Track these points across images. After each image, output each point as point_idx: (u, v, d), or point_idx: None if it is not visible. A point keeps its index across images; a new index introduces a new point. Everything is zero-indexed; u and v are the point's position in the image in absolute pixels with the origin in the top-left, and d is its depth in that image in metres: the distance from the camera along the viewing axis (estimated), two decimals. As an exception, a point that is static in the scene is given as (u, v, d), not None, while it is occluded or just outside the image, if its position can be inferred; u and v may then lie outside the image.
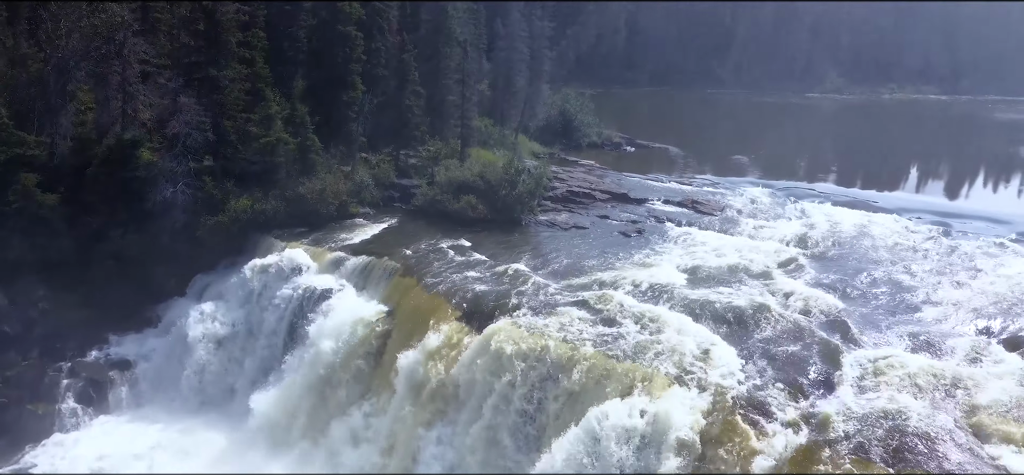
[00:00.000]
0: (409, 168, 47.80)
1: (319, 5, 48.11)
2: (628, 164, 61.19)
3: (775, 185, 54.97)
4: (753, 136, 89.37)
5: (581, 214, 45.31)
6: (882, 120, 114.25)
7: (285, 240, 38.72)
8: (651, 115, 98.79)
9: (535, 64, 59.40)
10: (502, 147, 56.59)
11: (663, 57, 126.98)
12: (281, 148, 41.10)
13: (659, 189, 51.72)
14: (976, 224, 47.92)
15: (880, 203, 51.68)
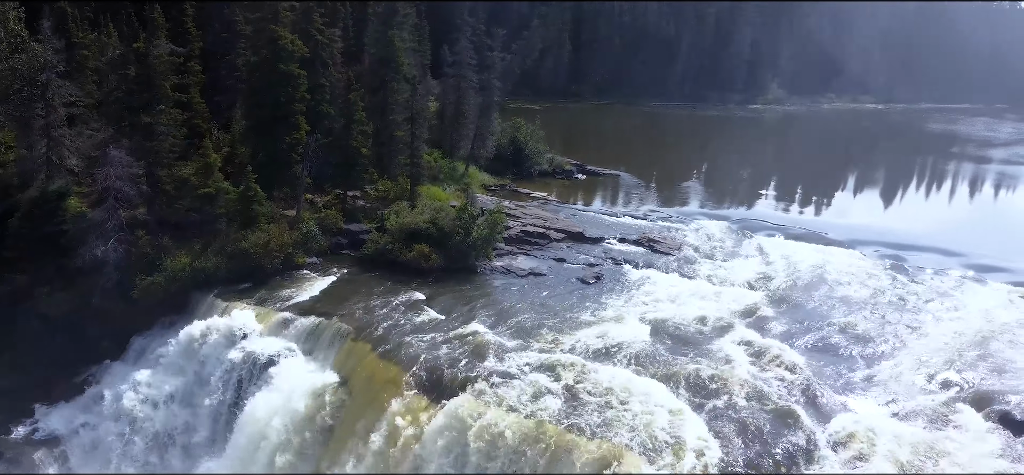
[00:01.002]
0: (357, 211, 45.88)
1: (259, 40, 45.92)
2: (580, 194, 60.30)
3: (730, 216, 54.64)
4: (700, 155, 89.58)
5: (537, 257, 44.05)
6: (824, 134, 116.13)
7: (227, 299, 36.51)
8: (599, 134, 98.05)
9: (486, 94, 57.95)
10: (453, 182, 55.11)
11: (608, 70, 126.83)
12: (221, 198, 38.85)
13: (614, 225, 50.81)
14: (926, 256, 48.24)
15: (831, 234, 51.69)
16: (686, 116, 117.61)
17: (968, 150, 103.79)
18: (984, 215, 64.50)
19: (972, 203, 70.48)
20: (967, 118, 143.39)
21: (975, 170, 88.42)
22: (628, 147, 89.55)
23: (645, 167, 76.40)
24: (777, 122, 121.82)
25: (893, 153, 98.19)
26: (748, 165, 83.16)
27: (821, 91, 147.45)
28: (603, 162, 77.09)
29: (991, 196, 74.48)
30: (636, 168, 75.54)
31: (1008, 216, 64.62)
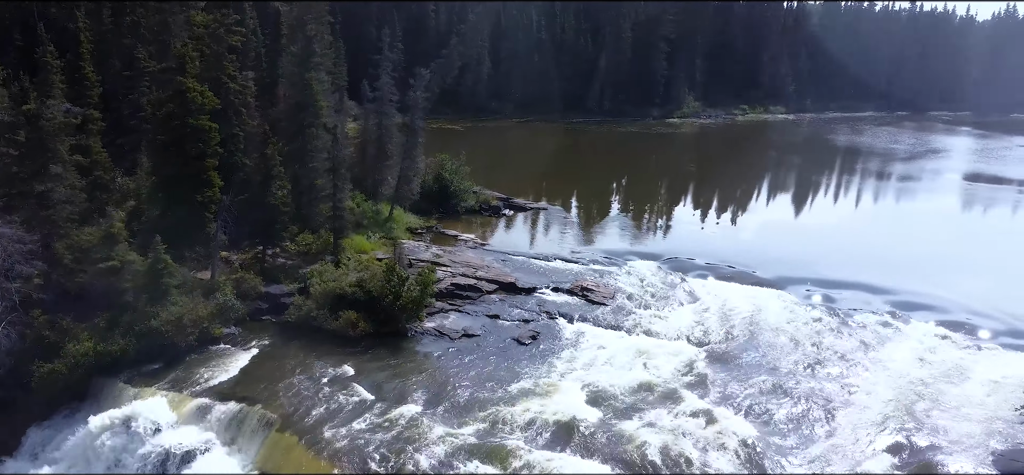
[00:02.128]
0: (277, 269, 43.28)
1: (166, 89, 42.84)
2: (509, 233, 58.86)
3: (659, 254, 54.14)
4: (623, 178, 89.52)
5: (470, 314, 42.43)
6: (739, 150, 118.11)
7: (137, 383, 33.54)
8: (522, 156, 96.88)
9: (410, 136, 55.81)
10: (377, 227, 52.91)
11: (528, 86, 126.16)
12: (128, 271, 35.80)
13: (546, 270, 49.60)
14: (850, 294, 48.74)
15: (759, 272, 51.73)
16: (606, 133, 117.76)
17: (875, 165, 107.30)
18: (895, 240, 65.92)
19: (882, 227, 71.98)
20: (871, 128, 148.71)
21: (883, 190, 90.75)
22: (552, 171, 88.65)
23: (570, 195, 75.72)
24: (694, 137, 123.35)
25: (805, 170, 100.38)
26: (669, 189, 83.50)
27: (735, 102, 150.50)
28: (528, 190, 76.13)
29: (899, 218, 76.28)
30: (561, 196, 74.80)
31: (917, 240, 66.23)
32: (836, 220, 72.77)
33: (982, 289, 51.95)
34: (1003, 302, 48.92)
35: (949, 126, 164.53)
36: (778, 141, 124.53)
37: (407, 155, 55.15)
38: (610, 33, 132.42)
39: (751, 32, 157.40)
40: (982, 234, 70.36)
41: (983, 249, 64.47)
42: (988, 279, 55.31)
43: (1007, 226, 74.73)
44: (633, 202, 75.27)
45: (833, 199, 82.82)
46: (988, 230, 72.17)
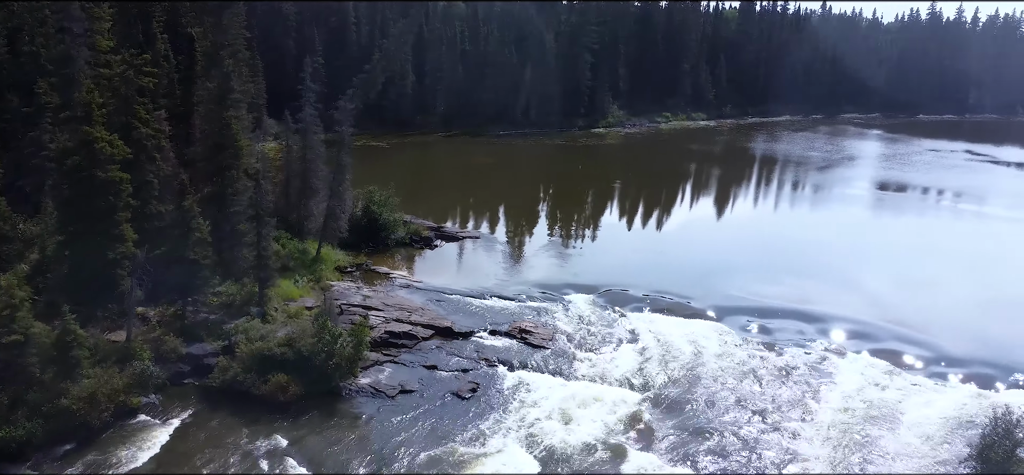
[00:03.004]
0: (199, 325, 40.70)
1: (71, 136, 39.74)
2: (442, 268, 57.19)
3: (595, 286, 53.42)
4: (552, 195, 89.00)
5: (406, 364, 40.82)
6: (663, 160, 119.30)
7: (46, 471, 30.78)
8: (450, 175, 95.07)
9: (337, 173, 53.54)
10: (304, 268, 50.69)
11: (453, 99, 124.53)
12: (32, 344, 32.86)
13: (482, 310, 48.32)
14: (786, 324, 49.12)
15: (695, 302, 51.71)
16: (532, 145, 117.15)
17: (792, 176, 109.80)
18: (818, 255, 67.09)
19: (805, 241, 72.93)
20: (787, 134, 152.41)
21: (801, 201, 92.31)
22: (480, 189, 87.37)
23: (501, 218, 74.63)
24: (619, 148, 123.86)
25: (728, 183, 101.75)
26: (600, 206, 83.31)
27: (657, 110, 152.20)
28: (458, 213, 74.81)
29: (820, 231, 77.28)
30: (492, 219, 73.69)
31: (838, 254, 67.52)
32: (762, 236, 73.63)
33: (906, 306, 53.42)
34: (926, 321, 50.38)
35: (860, 129, 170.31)
36: (700, 151, 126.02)
37: (334, 192, 52.99)
38: (534, 43, 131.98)
39: (671, 40, 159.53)
40: (898, 246, 72.23)
41: (900, 262, 66.27)
42: (910, 294, 56.86)
43: (918, 240, 76.88)
44: (565, 223, 74.69)
45: (757, 214, 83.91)
46: (903, 242, 74.09)
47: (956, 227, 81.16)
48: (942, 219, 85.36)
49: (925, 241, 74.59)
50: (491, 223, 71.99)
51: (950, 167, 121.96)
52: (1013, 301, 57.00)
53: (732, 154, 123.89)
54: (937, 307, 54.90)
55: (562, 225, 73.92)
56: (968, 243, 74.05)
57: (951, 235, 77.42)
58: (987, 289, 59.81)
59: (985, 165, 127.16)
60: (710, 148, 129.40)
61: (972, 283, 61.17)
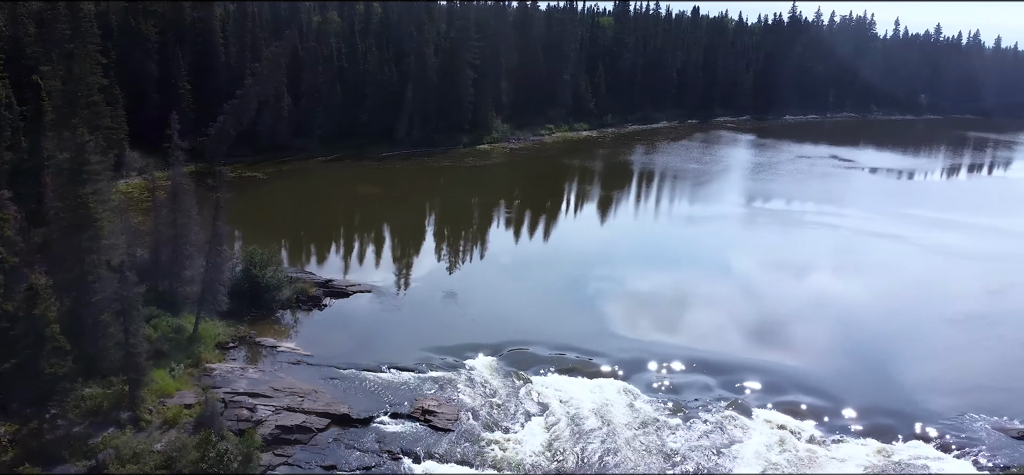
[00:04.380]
0: (61, 442, 35.90)
1: None
2: (333, 333, 53.50)
3: (498, 347, 51.40)
4: (442, 231, 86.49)
5: (302, 465, 37.58)
6: (548, 181, 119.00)
7: None
8: (333, 209, 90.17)
9: (214, 242, 49.02)
10: (181, 350, 46.20)
11: (333, 120, 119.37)
12: None
13: (380, 387, 45.37)
14: (691, 379, 48.91)
15: (598, 360, 50.66)
16: (417, 168, 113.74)
17: (671, 193, 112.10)
18: (711, 292, 67.21)
19: (696, 277, 72.30)
20: (665, 143, 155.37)
21: (682, 226, 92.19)
22: (366, 224, 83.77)
23: (390, 259, 71.54)
24: (505, 166, 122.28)
25: (610, 207, 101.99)
26: (491, 240, 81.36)
27: (541, 122, 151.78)
28: (345, 258, 71.15)
29: (708, 265, 76.30)
30: (381, 262, 70.42)
31: (730, 293, 67.86)
32: (650, 270, 73.35)
33: (798, 345, 54.54)
34: (821, 360, 51.55)
35: (733, 134, 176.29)
36: (581, 168, 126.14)
37: (210, 265, 48.55)
38: (415, 61, 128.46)
39: (551, 50, 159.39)
40: (784, 273, 74.17)
41: (788, 292, 68.01)
42: (801, 330, 58.16)
43: (803, 266, 79.23)
44: (459, 262, 72.43)
45: (643, 241, 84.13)
46: (789, 267, 76.17)
47: (836, 247, 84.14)
48: (820, 239, 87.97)
49: (809, 265, 76.92)
50: (381, 269, 68.71)
51: (822, 176, 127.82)
52: (898, 331, 59.27)
53: (612, 171, 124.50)
54: (829, 344, 56.32)
55: (456, 265, 71.65)
56: (852, 265, 76.86)
57: (833, 257, 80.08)
58: (873, 318, 62.05)
59: (853, 172, 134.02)
60: (591, 164, 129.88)
61: (859, 313, 63.33)
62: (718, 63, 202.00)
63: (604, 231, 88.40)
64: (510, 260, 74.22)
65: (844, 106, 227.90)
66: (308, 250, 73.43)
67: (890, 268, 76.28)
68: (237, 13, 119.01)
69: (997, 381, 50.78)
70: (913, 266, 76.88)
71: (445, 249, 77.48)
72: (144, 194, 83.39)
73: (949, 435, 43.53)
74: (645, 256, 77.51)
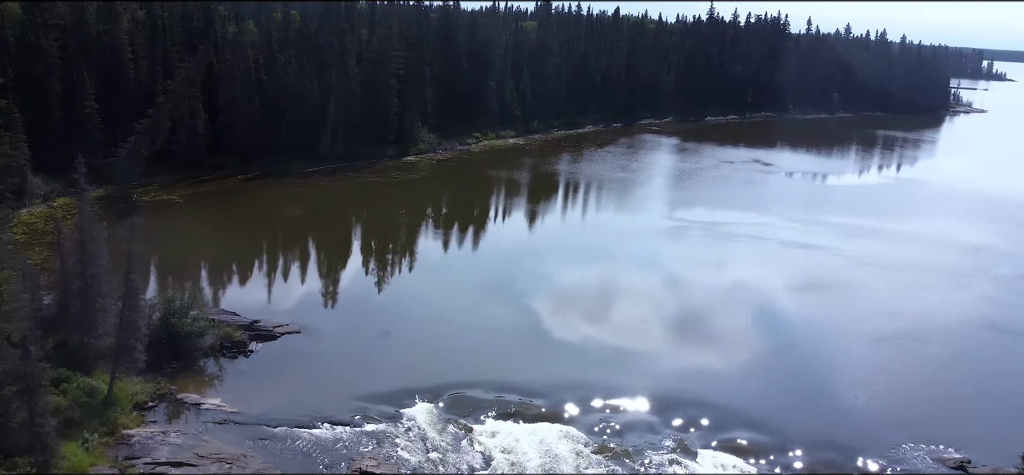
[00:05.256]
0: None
1: None
2: (262, 384, 50.49)
3: (438, 391, 49.61)
4: (370, 260, 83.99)
5: (233, 548, 35.17)
6: (478, 191, 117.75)
7: None
8: (252, 233, 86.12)
9: (129, 294, 45.65)
10: (95, 416, 42.89)
11: (252, 136, 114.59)
12: None
13: (315, 447, 43.01)
14: (634, 419, 48.26)
15: (538, 399, 49.56)
16: (343, 185, 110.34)
17: (598, 206, 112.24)
18: (645, 317, 67.03)
19: (629, 300, 71.75)
20: (590, 149, 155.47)
21: (616, 244, 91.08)
22: (290, 252, 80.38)
23: (318, 294, 68.85)
24: (432, 179, 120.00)
25: (537, 223, 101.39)
26: (423, 270, 79.08)
27: (467, 131, 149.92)
28: (268, 290, 68.06)
29: (640, 289, 74.55)
30: (308, 296, 67.54)
31: (665, 317, 67.65)
32: (585, 298, 72.57)
33: (739, 378, 54.49)
34: (762, 391, 51.67)
35: (657, 137, 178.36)
36: (509, 179, 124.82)
37: (125, 323, 45.23)
38: (337, 72, 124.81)
39: (476, 58, 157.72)
40: (718, 293, 74.63)
41: (722, 314, 68.30)
42: (739, 356, 58.32)
43: (735, 284, 79.85)
44: (390, 293, 70.10)
45: (573, 267, 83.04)
46: (720, 287, 76.67)
47: (764, 262, 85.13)
48: (748, 254, 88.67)
49: (741, 285, 77.37)
50: (311, 303, 65.93)
51: (745, 182, 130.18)
52: (831, 354, 60.06)
53: (539, 183, 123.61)
54: (765, 370, 56.62)
55: (388, 295, 69.36)
56: (782, 282, 77.72)
57: (762, 275, 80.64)
58: (806, 340, 62.71)
59: (773, 177, 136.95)
60: (518, 175, 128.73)
61: (793, 334, 63.98)
62: (640, 66, 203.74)
63: (534, 253, 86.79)
64: (442, 287, 72.13)
65: (762, 106, 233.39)
66: (231, 285, 70.11)
67: (818, 284, 77.12)
68: (147, 26, 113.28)
69: (931, 406, 51.76)
70: (839, 280, 78.16)
71: (376, 277, 75.16)
72: (48, 224, 78.65)
73: (890, 470, 44.00)
74: (576, 281, 75.95)
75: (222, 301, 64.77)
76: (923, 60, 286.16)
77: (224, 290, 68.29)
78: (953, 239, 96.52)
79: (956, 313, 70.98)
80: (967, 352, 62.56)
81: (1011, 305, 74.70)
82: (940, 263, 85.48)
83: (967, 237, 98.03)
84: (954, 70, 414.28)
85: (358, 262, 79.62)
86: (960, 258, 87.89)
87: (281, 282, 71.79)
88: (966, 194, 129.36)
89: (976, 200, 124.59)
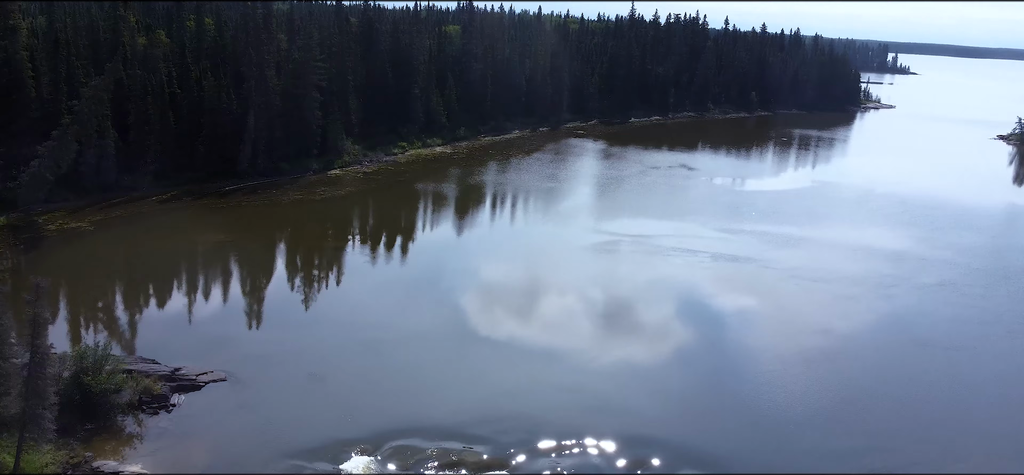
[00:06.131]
0: None
1: None
2: (186, 444, 47.04)
3: (378, 443, 47.47)
4: (295, 293, 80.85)
5: None
6: (402, 207, 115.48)
7: None
8: (169, 262, 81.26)
9: (35, 362, 42.01)
10: (1, 498, 39.40)
11: (167, 153, 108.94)
12: None
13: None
14: (579, 460, 47.40)
15: (478, 446, 47.95)
16: (264, 205, 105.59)
17: (526, 222, 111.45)
18: (578, 355, 64.92)
19: (564, 334, 69.54)
20: (517, 157, 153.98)
21: (548, 271, 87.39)
22: (217, 287, 76.74)
23: (245, 334, 65.69)
24: (357, 196, 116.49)
25: (462, 243, 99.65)
26: (352, 300, 76.17)
27: (393, 140, 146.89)
28: (193, 335, 64.51)
29: (561, 324, 71.90)
30: (238, 340, 64.14)
31: (599, 353, 66.35)
32: (520, 324, 71.63)
33: (684, 410, 54.16)
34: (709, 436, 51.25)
35: (583, 141, 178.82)
36: (436, 193, 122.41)
37: (32, 392, 41.70)
38: (255, 85, 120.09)
39: (399, 65, 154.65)
40: (653, 318, 74.57)
41: (663, 343, 68.19)
42: (682, 391, 58.05)
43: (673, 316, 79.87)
44: (319, 330, 67.07)
45: (504, 291, 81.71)
46: (657, 314, 76.58)
47: (699, 279, 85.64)
48: (682, 270, 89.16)
49: (681, 303, 77.70)
50: (237, 345, 62.52)
51: (672, 189, 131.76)
52: (770, 382, 60.20)
53: (467, 196, 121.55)
54: (710, 402, 56.60)
55: (318, 332, 66.28)
56: (718, 300, 78.13)
57: (698, 293, 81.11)
58: (746, 368, 62.63)
59: (698, 182, 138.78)
60: (445, 187, 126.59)
61: (732, 359, 64.14)
62: (565, 69, 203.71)
63: (463, 276, 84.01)
64: (374, 317, 69.42)
65: (684, 106, 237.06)
66: (150, 325, 66.14)
67: (753, 309, 75.73)
68: (48, 41, 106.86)
69: (870, 438, 52.21)
70: (772, 298, 78.22)
71: (305, 308, 72.22)
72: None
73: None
74: (509, 307, 74.24)
75: (140, 346, 60.85)
76: (835, 58, 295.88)
77: (142, 333, 64.33)
78: (876, 246, 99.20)
79: (884, 328, 72.52)
80: (894, 369, 63.86)
81: (936, 316, 76.48)
82: (865, 273, 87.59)
83: (889, 243, 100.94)
84: (862, 64, 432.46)
85: (285, 292, 76.45)
86: (884, 267, 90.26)
87: (204, 319, 68.22)
88: (884, 196, 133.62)
89: (893, 202, 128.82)
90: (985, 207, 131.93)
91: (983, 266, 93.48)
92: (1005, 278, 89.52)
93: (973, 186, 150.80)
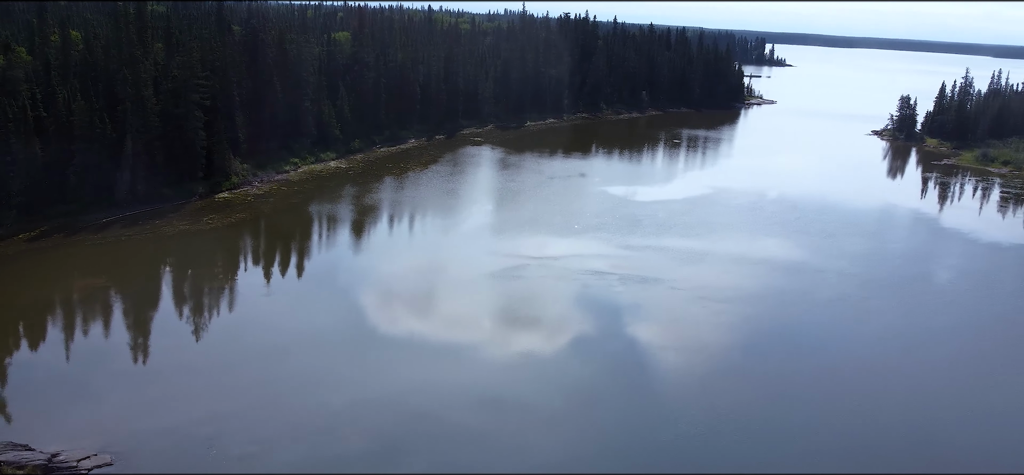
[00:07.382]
0: None
1: None
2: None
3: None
4: (192, 344, 75.35)
5: None
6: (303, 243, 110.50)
7: None
8: (46, 323, 74.43)
9: None
10: None
11: (33, 184, 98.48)
12: None
13: None
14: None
15: None
16: (147, 238, 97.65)
17: (426, 249, 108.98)
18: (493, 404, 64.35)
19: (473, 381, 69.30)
20: (414, 171, 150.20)
21: (451, 304, 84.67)
22: (96, 347, 70.36)
23: (132, 404, 60.20)
24: (248, 222, 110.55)
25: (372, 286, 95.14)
26: (251, 358, 71.54)
27: (285, 156, 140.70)
28: (73, 404, 58.57)
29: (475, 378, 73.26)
30: (124, 411, 58.49)
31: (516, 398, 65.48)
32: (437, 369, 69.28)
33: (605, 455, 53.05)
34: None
35: (480, 149, 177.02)
36: (330, 215, 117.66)
37: None
38: (133, 106, 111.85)
39: (287, 77, 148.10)
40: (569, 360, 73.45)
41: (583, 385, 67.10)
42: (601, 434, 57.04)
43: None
44: (215, 397, 62.11)
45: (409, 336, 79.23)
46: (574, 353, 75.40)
47: (608, 306, 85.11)
48: (590, 295, 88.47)
49: (596, 337, 76.79)
50: (123, 417, 56.97)
51: (572, 200, 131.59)
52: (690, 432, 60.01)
53: (361, 217, 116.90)
54: (632, 450, 55.75)
55: (214, 400, 61.14)
56: (630, 330, 77.79)
57: (609, 325, 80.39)
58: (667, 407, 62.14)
59: (595, 192, 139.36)
60: (338, 208, 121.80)
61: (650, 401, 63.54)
62: (459, 74, 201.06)
63: (361, 320, 78.72)
64: (275, 376, 64.63)
65: (578, 107, 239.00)
66: (21, 400, 59.52)
67: (667, 342, 74.79)
68: None
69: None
70: (683, 326, 78.34)
71: (197, 372, 66.11)
72: None
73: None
74: (417, 355, 70.99)
75: (10, 428, 54.78)
76: (720, 57, 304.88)
77: (12, 410, 57.94)
78: (774, 258, 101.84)
79: (791, 350, 74.03)
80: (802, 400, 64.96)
81: (840, 336, 78.55)
82: (766, 288, 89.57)
83: (787, 255, 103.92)
84: (740, 57, 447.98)
85: (174, 343, 70.54)
86: (784, 281, 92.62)
87: (84, 387, 61.86)
88: (775, 201, 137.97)
89: (784, 207, 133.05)
90: (869, 209, 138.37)
91: (876, 277, 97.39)
92: (898, 287, 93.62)
93: (856, 186, 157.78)
